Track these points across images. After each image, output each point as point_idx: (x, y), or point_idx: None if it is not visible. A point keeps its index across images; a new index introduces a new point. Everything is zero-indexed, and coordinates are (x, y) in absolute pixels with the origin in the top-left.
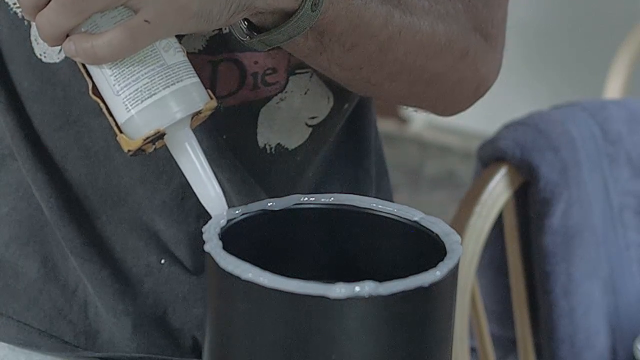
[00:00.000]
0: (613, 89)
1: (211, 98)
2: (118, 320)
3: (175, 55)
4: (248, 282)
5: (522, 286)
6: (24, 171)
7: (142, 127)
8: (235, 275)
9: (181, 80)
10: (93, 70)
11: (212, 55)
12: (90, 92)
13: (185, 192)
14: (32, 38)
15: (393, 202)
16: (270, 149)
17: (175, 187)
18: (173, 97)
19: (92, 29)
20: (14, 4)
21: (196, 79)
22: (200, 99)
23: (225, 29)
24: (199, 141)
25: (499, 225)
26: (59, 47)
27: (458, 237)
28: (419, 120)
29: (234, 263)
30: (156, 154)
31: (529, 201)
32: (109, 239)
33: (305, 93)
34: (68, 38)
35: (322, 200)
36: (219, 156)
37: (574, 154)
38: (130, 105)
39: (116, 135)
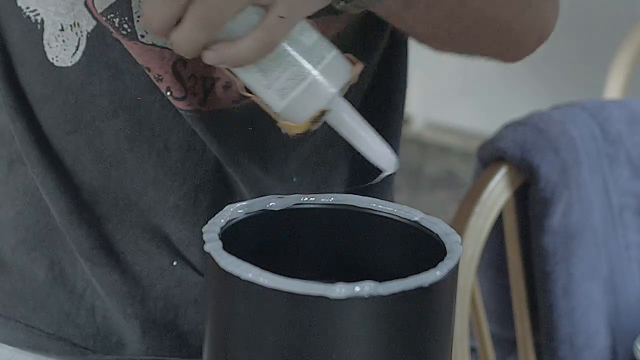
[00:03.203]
0: (613, 89)
1: (353, 63)
2: (128, 322)
3: (311, 36)
4: (248, 282)
5: (522, 286)
6: (33, 175)
7: (301, 112)
8: (235, 275)
9: (324, 58)
10: (239, 71)
11: None
12: (242, 91)
13: (198, 194)
14: (45, 42)
15: (393, 201)
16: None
17: (189, 189)
18: (323, 76)
19: (227, 35)
20: (27, 8)
21: (335, 51)
22: (345, 69)
23: None
24: (227, 136)
25: (499, 225)
26: (73, 50)
27: (458, 237)
28: (419, 120)
29: (234, 263)
30: (170, 156)
31: (529, 201)
32: (120, 242)
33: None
34: (208, 49)
35: (322, 200)
36: (251, 147)
37: (574, 154)
38: (284, 95)
39: (275, 123)
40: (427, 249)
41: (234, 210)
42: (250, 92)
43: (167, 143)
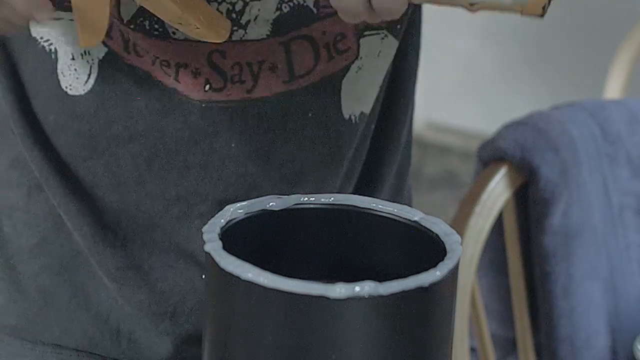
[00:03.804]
0: (613, 89)
1: None
2: (160, 340)
3: None
4: (248, 282)
5: (522, 286)
6: (54, 202)
7: None
8: (235, 275)
9: None
10: None
11: (280, 37)
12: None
13: (221, 206)
14: (59, 71)
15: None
16: (355, 118)
17: (211, 204)
18: None
19: None
20: (41, 38)
21: None
22: None
23: (286, 7)
24: (282, 121)
25: (499, 225)
26: (85, 79)
27: (458, 237)
28: (419, 120)
29: (234, 263)
30: (190, 174)
31: (529, 201)
32: (146, 261)
33: (378, 55)
34: None
35: (322, 200)
36: (306, 133)
37: (574, 154)
38: None
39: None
40: (427, 249)
41: (234, 210)
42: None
43: (186, 162)
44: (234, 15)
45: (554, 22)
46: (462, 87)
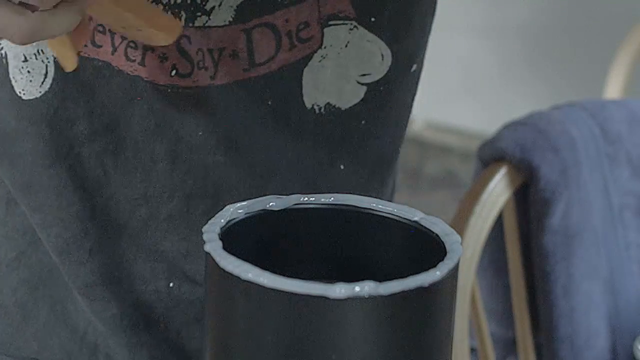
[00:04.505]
0: (613, 89)
1: None
2: (135, 354)
3: None
4: (248, 282)
5: (522, 286)
6: (27, 214)
7: None
8: (235, 275)
9: None
10: None
11: (243, 23)
12: None
13: (190, 203)
14: (11, 76)
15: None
16: (319, 109)
17: (180, 200)
18: None
19: None
20: None
21: None
22: None
23: None
24: (243, 109)
25: (499, 225)
26: (41, 80)
27: (458, 237)
28: (419, 120)
29: (234, 263)
30: (157, 169)
31: (529, 201)
32: (114, 272)
33: (346, 46)
34: None
35: (322, 200)
36: (265, 122)
37: (574, 154)
38: None
39: None
40: (427, 249)
41: (234, 210)
42: None
43: (153, 155)
44: (198, 1)
45: (554, 22)
46: (462, 87)
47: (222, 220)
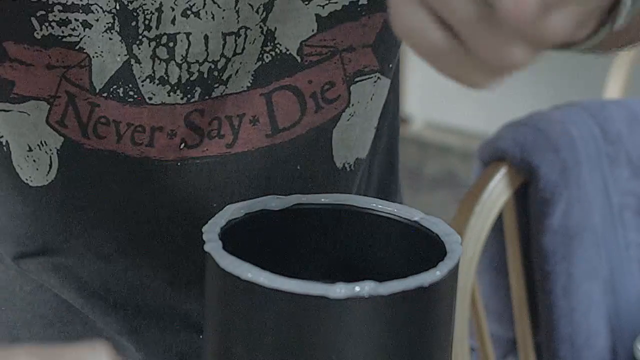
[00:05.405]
0: (613, 89)
1: None
2: None
3: None
4: (248, 282)
5: (522, 286)
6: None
7: None
8: (235, 275)
9: None
10: None
11: (262, 87)
12: None
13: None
14: (15, 164)
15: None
16: (350, 166)
17: (196, 261)
18: None
19: None
20: None
21: None
22: None
23: (267, 57)
24: (271, 177)
25: (499, 225)
26: (47, 169)
27: (458, 237)
28: (419, 120)
29: (234, 263)
30: (173, 242)
31: (529, 201)
32: (142, 323)
33: (371, 99)
34: None
35: (322, 200)
36: (295, 186)
37: (574, 154)
38: None
39: None
40: (427, 249)
41: (234, 210)
42: None
43: (169, 231)
44: (215, 74)
45: None
46: (462, 87)
47: (222, 220)
